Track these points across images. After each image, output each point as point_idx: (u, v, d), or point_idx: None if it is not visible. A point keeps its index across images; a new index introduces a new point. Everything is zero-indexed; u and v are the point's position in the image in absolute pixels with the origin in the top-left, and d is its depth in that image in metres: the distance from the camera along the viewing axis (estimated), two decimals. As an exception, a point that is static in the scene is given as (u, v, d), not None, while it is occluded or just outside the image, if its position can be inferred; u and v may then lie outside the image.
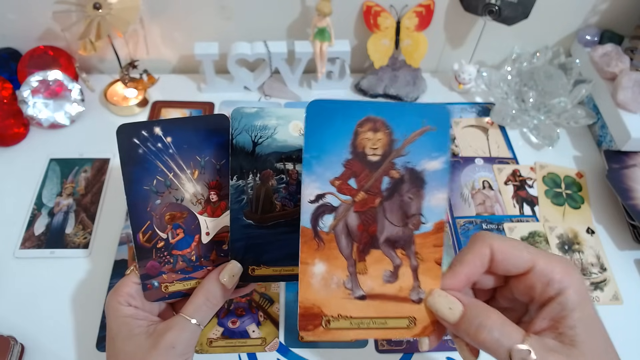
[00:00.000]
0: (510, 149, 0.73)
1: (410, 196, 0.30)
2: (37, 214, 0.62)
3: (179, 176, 0.42)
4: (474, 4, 0.71)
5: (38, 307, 0.55)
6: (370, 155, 0.30)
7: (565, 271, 0.31)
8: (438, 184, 0.30)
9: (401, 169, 0.30)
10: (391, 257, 0.31)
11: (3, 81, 0.68)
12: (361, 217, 0.31)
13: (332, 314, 0.31)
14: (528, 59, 0.75)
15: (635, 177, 0.66)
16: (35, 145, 0.69)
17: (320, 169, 0.29)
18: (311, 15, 0.73)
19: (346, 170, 0.30)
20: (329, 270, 0.31)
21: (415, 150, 0.30)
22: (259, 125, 0.41)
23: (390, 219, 0.31)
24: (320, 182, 0.30)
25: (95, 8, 0.65)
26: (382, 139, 0.29)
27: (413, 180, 0.30)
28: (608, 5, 0.76)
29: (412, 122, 0.29)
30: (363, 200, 0.30)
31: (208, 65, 0.74)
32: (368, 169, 0.30)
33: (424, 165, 0.30)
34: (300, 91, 0.78)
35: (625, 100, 0.68)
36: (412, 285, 0.31)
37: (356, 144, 0.29)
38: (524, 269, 0.31)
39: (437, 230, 0.31)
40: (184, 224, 0.42)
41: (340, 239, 0.31)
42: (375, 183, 0.30)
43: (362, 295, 0.31)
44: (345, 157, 0.29)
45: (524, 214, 0.66)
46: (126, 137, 0.41)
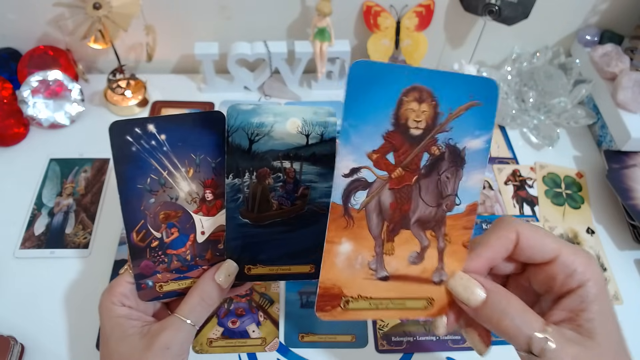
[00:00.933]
0: (510, 149, 0.73)
1: (448, 175, 0.29)
2: (37, 214, 0.62)
3: (174, 174, 0.41)
4: (474, 4, 0.71)
5: (38, 307, 0.55)
6: (412, 129, 0.27)
7: (587, 263, 0.30)
8: (478, 164, 0.29)
9: (442, 146, 0.28)
10: (420, 239, 0.30)
11: (3, 81, 0.68)
12: (395, 195, 0.29)
13: (352, 294, 0.30)
14: (528, 59, 0.75)
15: (635, 177, 0.66)
16: (35, 145, 0.69)
17: (358, 139, 0.27)
18: (311, 15, 0.73)
19: (385, 143, 0.28)
20: (355, 250, 0.30)
21: (459, 127, 0.28)
22: (256, 122, 0.39)
23: (425, 198, 0.29)
24: (356, 154, 0.28)
25: (95, 8, 0.65)
26: (427, 111, 0.27)
27: (453, 158, 0.28)
28: (608, 5, 0.76)
29: (459, 95, 0.27)
30: (400, 176, 0.28)
31: (208, 65, 0.74)
32: (409, 142, 0.28)
33: (466, 143, 0.28)
34: (300, 91, 0.78)
35: (625, 100, 0.68)
36: (436, 267, 0.30)
37: (399, 115, 0.27)
38: (548, 257, 0.31)
39: (469, 213, 0.30)
40: (178, 223, 0.42)
41: (371, 217, 0.29)
42: (414, 159, 0.28)
43: (386, 276, 0.30)
44: (386, 128, 0.27)
45: (524, 214, 0.66)
46: (119, 135, 0.41)
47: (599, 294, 0.30)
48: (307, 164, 0.40)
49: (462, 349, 0.53)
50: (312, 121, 0.40)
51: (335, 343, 0.54)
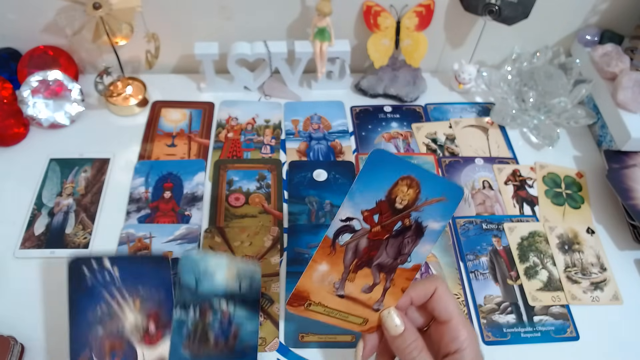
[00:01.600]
0: (510, 149, 0.73)
1: (409, 240, 0.39)
2: (37, 214, 0.62)
3: (122, 306, 0.47)
4: (474, 4, 0.71)
5: (38, 307, 0.55)
6: (397, 203, 0.38)
7: (469, 335, 0.39)
8: (431, 239, 0.39)
9: (413, 220, 0.38)
10: (374, 277, 0.40)
11: (3, 81, 0.68)
12: (370, 243, 0.39)
13: (315, 300, 0.40)
14: (528, 59, 0.75)
15: (635, 177, 0.66)
16: (35, 145, 0.69)
17: (359, 199, 0.37)
18: (311, 15, 0.73)
19: (376, 207, 0.38)
20: (329, 271, 0.40)
21: (428, 211, 0.38)
22: (202, 269, 0.50)
23: (388, 251, 0.39)
24: (354, 209, 0.38)
25: (95, 8, 0.65)
26: (411, 195, 0.37)
27: (417, 231, 0.39)
28: (608, 5, 0.76)
29: (435, 190, 0.37)
30: (377, 232, 0.39)
31: (208, 65, 0.74)
32: (392, 211, 0.38)
33: (429, 223, 0.38)
34: (300, 91, 0.78)
35: (625, 100, 0.68)
36: (379, 299, 0.41)
37: (392, 192, 0.37)
38: (445, 317, 0.39)
39: (413, 269, 0.40)
40: (122, 353, 0.46)
41: (348, 253, 0.39)
42: (391, 223, 0.38)
43: (342, 294, 0.40)
44: (380, 197, 0.37)
45: (524, 213, 0.66)
46: (76, 268, 0.47)
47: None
48: (239, 307, 0.51)
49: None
50: (243, 273, 0.51)
51: (335, 343, 0.54)
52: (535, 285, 0.59)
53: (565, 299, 0.58)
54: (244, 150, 0.71)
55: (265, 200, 0.65)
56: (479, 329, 0.56)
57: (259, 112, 0.76)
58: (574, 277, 0.60)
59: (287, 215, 0.64)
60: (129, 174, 0.67)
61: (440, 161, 0.71)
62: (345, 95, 0.79)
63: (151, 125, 0.73)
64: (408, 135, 0.74)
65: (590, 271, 0.61)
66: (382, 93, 0.78)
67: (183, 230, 0.61)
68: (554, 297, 0.58)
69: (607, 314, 0.58)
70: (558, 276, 0.60)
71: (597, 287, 0.59)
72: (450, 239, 0.62)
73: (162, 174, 0.67)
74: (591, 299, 0.58)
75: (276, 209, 0.65)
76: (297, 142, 0.72)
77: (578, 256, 0.62)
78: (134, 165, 0.68)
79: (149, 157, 0.69)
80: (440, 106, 0.79)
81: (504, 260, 0.61)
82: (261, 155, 0.70)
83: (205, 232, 0.61)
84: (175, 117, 0.74)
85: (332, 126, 0.74)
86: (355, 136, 0.74)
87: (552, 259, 0.61)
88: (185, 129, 0.73)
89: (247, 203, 0.65)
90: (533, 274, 0.60)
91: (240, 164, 0.69)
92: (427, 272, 0.59)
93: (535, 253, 0.62)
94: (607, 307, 0.58)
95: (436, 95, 0.80)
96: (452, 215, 0.39)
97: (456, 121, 0.76)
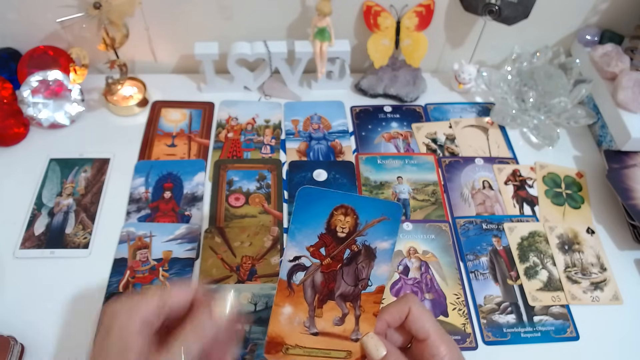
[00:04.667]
0: (510, 149, 0.73)
1: (363, 265, 0.40)
2: (37, 214, 0.62)
3: None
4: (474, 4, 0.71)
5: (38, 307, 0.55)
6: (339, 232, 0.39)
7: (449, 351, 0.38)
8: (385, 258, 0.40)
9: (360, 245, 0.39)
10: (341, 308, 0.40)
11: (3, 81, 0.68)
12: (325, 276, 0.40)
13: (291, 343, 0.40)
14: (528, 59, 0.75)
15: (635, 177, 0.66)
16: (35, 145, 0.69)
17: (300, 237, 0.39)
18: (311, 15, 0.73)
19: (319, 241, 0.39)
20: (294, 312, 0.40)
21: (373, 233, 0.39)
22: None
23: (346, 280, 0.40)
24: (299, 247, 0.39)
25: (95, 8, 0.65)
26: (350, 222, 0.39)
27: (367, 254, 0.40)
28: (608, 5, 0.76)
29: (373, 212, 0.39)
30: (328, 264, 0.40)
31: (208, 65, 0.74)
32: (336, 242, 0.39)
33: (377, 244, 0.39)
34: (300, 91, 0.78)
35: (625, 100, 0.68)
36: (354, 328, 0.41)
37: (330, 223, 0.39)
38: (421, 336, 0.39)
39: (378, 292, 0.40)
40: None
41: (306, 290, 0.40)
42: (339, 253, 0.39)
43: (316, 332, 0.40)
44: (320, 231, 0.39)
45: (524, 213, 0.66)
46: None
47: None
48: (255, 325, 0.54)
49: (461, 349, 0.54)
50: (259, 294, 0.56)
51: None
52: (535, 285, 0.59)
53: (565, 299, 0.58)
54: (244, 150, 0.71)
55: (265, 200, 0.65)
56: (479, 329, 0.56)
57: (259, 112, 0.76)
58: (574, 277, 0.60)
59: (287, 215, 0.64)
60: (129, 174, 0.67)
61: (440, 161, 0.71)
62: (345, 95, 0.79)
63: (151, 125, 0.73)
64: (408, 135, 0.74)
65: (590, 271, 0.61)
66: (382, 93, 0.78)
67: (183, 229, 0.61)
68: (554, 297, 0.58)
69: (607, 314, 0.58)
70: (558, 276, 0.60)
71: (597, 287, 0.59)
72: (450, 239, 0.62)
73: (162, 174, 0.67)
74: (591, 299, 0.58)
75: (276, 209, 0.65)
76: (297, 142, 0.72)
77: (578, 256, 0.62)
78: (134, 165, 0.68)
79: (149, 157, 0.69)
80: (440, 106, 0.79)
81: (504, 260, 0.61)
82: (261, 155, 0.70)
83: (205, 232, 0.61)
84: (175, 117, 0.74)
85: (332, 126, 0.74)
86: (355, 136, 0.74)
87: (552, 259, 0.61)
88: (185, 129, 0.73)
89: (247, 203, 0.65)
90: (533, 274, 0.60)
91: (240, 164, 0.69)
92: (427, 272, 0.59)
93: (535, 253, 0.62)
94: (607, 307, 0.58)
95: (436, 95, 0.80)
96: (398, 232, 0.40)
97: (456, 121, 0.76)
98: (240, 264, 0.59)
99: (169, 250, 0.59)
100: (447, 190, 0.68)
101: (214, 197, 0.65)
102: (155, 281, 0.57)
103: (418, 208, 0.65)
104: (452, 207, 0.66)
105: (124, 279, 0.57)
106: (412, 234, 0.62)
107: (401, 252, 0.61)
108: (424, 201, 0.66)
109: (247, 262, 0.59)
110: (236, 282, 0.57)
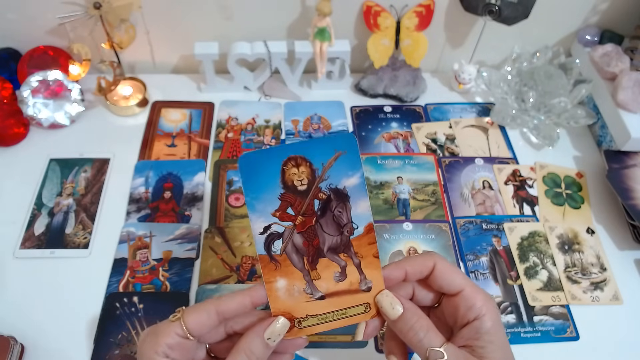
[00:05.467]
0: (510, 149, 0.73)
1: (339, 210, 0.37)
2: (37, 214, 0.62)
3: (139, 333, 0.52)
4: (474, 4, 0.71)
5: (38, 307, 0.55)
6: (299, 186, 0.36)
7: (485, 300, 0.37)
8: (359, 194, 0.36)
9: (326, 191, 0.36)
10: (336, 261, 0.37)
11: (3, 81, 0.68)
12: (304, 235, 0.37)
13: (301, 315, 0.37)
14: (528, 59, 0.75)
15: (635, 177, 0.66)
16: (35, 145, 0.69)
17: (261, 206, 0.36)
18: (311, 15, 0.73)
19: (282, 202, 0.36)
20: (290, 283, 0.37)
21: (334, 173, 0.36)
22: (216, 297, 0.53)
23: (328, 231, 0.37)
24: (264, 216, 0.36)
25: (95, 8, 0.66)
26: (305, 171, 0.36)
27: (338, 197, 0.36)
28: (608, 5, 0.76)
29: (325, 152, 0.35)
30: (302, 222, 0.37)
31: (208, 65, 0.74)
32: (300, 197, 0.36)
33: (344, 183, 0.36)
34: (300, 91, 0.78)
35: (625, 100, 0.68)
36: (359, 278, 0.38)
37: (285, 180, 0.36)
38: (455, 290, 0.37)
39: (368, 231, 0.37)
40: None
41: (291, 256, 0.37)
42: (308, 206, 0.36)
43: (322, 295, 0.38)
44: (279, 192, 0.36)
45: (524, 214, 0.66)
46: (112, 300, 0.55)
47: (492, 327, 0.36)
48: None
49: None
50: None
51: (335, 343, 0.54)
52: (535, 285, 0.59)
53: (565, 299, 0.58)
54: (244, 150, 0.71)
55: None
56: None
57: (259, 112, 0.76)
58: (574, 277, 0.60)
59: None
60: (129, 174, 0.67)
61: (440, 161, 0.71)
62: (345, 95, 0.79)
63: (151, 125, 0.73)
64: (408, 136, 0.74)
65: (590, 271, 0.61)
66: (382, 93, 0.78)
67: (183, 229, 0.61)
68: (554, 297, 0.58)
69: (607, 314, 0.58)
70: (558, 276, 0.60)
71: (597, 287, 0.59)
72: (450, 239, 0.62)
73: (162, 174, 0.67)
74: (591, 299, 0.58)
75: (276, 209, 0.65)
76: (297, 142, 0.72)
77: (578, 256, 0.62)
78: (134, 165, 0.68)
79: (149, 157, 0.69)
80: (440, 106, 0.79)
81: (504, 260, 0.61)
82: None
83: (205, 232, 0.61)
84: (175, 117, 0.74)
85: (332, 126, 0.74)
86: (355, 136, 0.73)
87: (552, 259, 0.61)
88: (185, 129, 0.73)
89: (247, 203, 0.65)
90: (533, 274, 0.60)
91: (240, 164, 0.69)
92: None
93: (535, 253, 0.62)
94: (607, 307, 0.58)
95: (436, 96, 0.80)
96: (360, 162, 0.36)
97: (456, 121, 0.76)
98: (240, 264, 0.59)
99: (169, 250, 0.59)
100: (447, 190, 0.68)
101: (214, 197, 0.65)
102: (155, 281, 0.57)
103: (418, 208, 0.65)
104: (452, 207, 0.66)
105: (124, 279, 0.57)
106: (412, 234, 0.62)
107: (401, 252, 0.61)
108: (424, 201, 0.66)
109: (247, 262, 0.59)
110: (236, 282, 0.57)
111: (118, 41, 0.71)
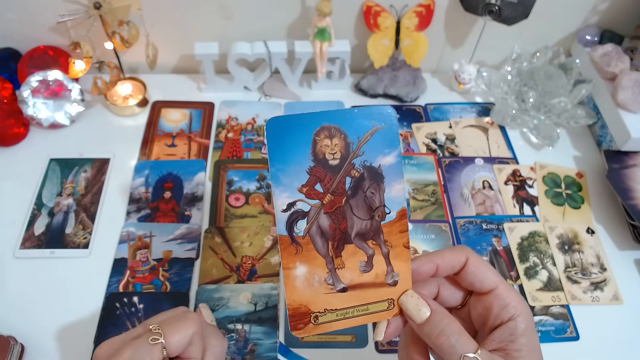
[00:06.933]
0: (510, 149, 0.73)
1: (372, 191, 0.33)
2: (37, 214, 0.62)
3: None
4: (474, 4, 0.71)
5: (38, 307, 0.55)
6: (330, 160, 0.32)
7: (520, 300, 0.34)
8: (395, 176, 0.33)
9: (360, 168, 0.32)
10: (364, 249, 0.34)
11: (3, 81, 0.68)
12: (332, 217, 0.33)
13: (319, 309, 0.34)
14: (528, 59, 0.75)
15: (635, 177, 0.66)
16: (35, 145, 0.69)
17: (287, 179, 0.32)
18: (311, 15, 0.73)
19: (311, 177, 0.32)
20: (310, 270, 0.33)
21: (370, 149, 0.32)
22: (217, 297, 0.55)
23: (358, 214, 0.33)
24: (289, 191, 0.32)
25: (95, 8, 0.66)
26: (339, 144, 0.32)
27: (372, 176, 0.33)
28: (608, 5, 0.76)
29: (362, 125, 0.32)
30: (330, 201, 0.33)
31: (208, 65, 0.74)
32: (330, 172, 0.32)
33: (380, 161, 0.32)
34: (300, 91, 0.78)
35: (625, 100, 0.68)
36: (386, 270, 0.34)
37: (316, 152, 0.32)
38: (487, 288, 0.34)
39: (401, 217, 0.34)
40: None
41: (315, 240, 0.33)
42: (339, 184, 0.33)
43: (344, 287, 0.34)
44: (308, 165, 0.32)
45: (524, 214, 0.66)
46: (111, 300, 0.55)
47: (527, 328, 0.33)
48: (255, 325, 0.54)
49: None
50: (259, 294, 0.56)
51: (335, 343, 0.54)
52: (535, 285, 0.59)
53: (565, 299, 0.58)
54: (244, 150, 0.71)
55: (265, 200, 0.65)
56: (479, 329, 0.56)
57: (259, 112, 0.76)
58: (574, 277, 0.60)
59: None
60: (129, 174, 0.67)
61: (440, 161, 0.71)
62: (345, 95, 0.79)
63: (151, 125, 0.73)
64: (408, 136, 0.74)
65: (590, 271, 0.61)
66: (382, 93, 0.78)
67: (183, 230, 0.61)
68: (554, 297, 0.58)
69: (607, 314, 0.58)
70: (558, 276, 0.60)
71: (597, 287, 0.59)
72: (450, 239, 0.62)
73: (162, 174, 0.67)
74: (591, 299, 0.58)
75: (276, 209, 0.64)
76: (297, 142, 0.72)
77: (578, 256, 0.62)
78: (134, 165, 0.68)
79: (149, 157, 0.69)
80: (440, 106, 0.79)
81: (504, 260, 0.61)
82: (261, 155, 0.70)
83: (205, 232, 0.61)
84: (175, 117, 0.74)
85: (332, 126, 0.74)
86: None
87: (552, 259, 0.61)
88: (185, 129, 0.73)
89: (247, 203, 0.65)
90: (533, 274, 0.60)
91: (240, 164, 0.69)
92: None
93: (535, 253, 0.62)
94: (607, 307, 0.58)
95: (436, 96, 0.80)
96: (399, 139, 0.33)
97: (456, 121, 0.76)
98: (240, 264, 0.59)
99: (169, 250, 0.59)
100: (447, 190, 0.68)
101: (214, 197, 0.65)
102: (155, 281, 0.57)
103: (418, 208, 0.65)
104: (452, 207, 0.66)
105: (124, 279, 0.57)
106: (412, 234, 0.62)
107: (401, 252, 0.61)
108: (424, 201, 0.66)
109: (247, 262, 0.59)
110: (236, 282, 0.57)
111: (126, 38, 0.70)
